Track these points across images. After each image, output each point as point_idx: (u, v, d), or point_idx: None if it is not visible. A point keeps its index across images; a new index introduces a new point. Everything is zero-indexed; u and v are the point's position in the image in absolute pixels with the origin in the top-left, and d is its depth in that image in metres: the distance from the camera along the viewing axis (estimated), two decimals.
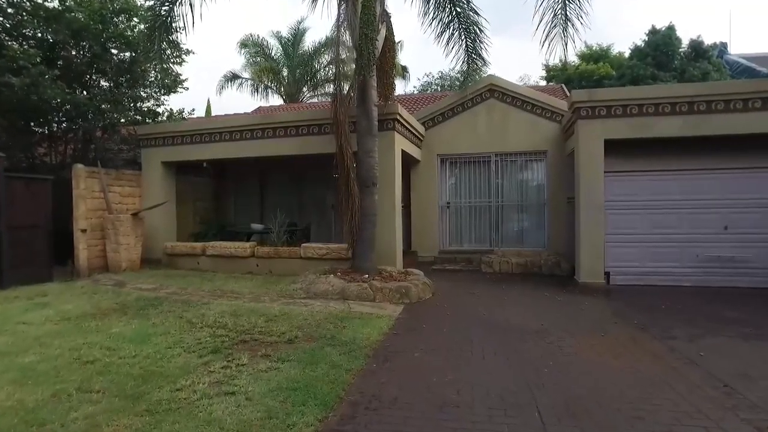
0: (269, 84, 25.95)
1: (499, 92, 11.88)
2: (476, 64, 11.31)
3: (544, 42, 8.43)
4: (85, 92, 9.72)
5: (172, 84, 12.55)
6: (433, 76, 35.76)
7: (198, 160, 10.83)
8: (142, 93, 11.61)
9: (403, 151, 9.99)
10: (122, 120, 12.03)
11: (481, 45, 10.33)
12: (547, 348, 5.06)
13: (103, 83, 11.56)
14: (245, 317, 5.94)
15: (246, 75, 25.97)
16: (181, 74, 12.78)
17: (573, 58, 30.24)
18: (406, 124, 10.09)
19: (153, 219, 10.94)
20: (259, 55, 24.88)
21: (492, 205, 12.08)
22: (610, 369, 4.42)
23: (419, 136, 11.78)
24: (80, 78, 10.74)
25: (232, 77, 25.91)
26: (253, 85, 25.84)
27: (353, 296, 7.16)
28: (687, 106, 8.26)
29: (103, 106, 9.66)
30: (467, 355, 4.82)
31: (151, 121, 12.31)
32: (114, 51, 10.84)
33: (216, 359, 4.42)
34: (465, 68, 11.42)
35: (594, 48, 29.29)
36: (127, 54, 10.95)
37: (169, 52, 10.79)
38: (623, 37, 45.88)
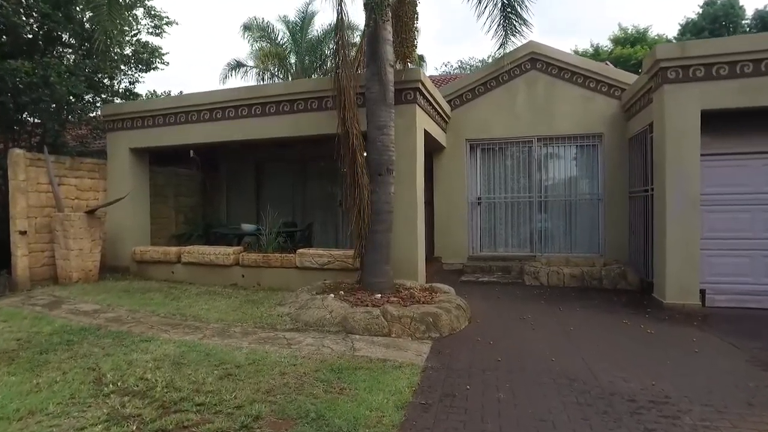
0: (276, 72, 24.02)
1: (543, 62, 9.65)
2: (514, 25, 9.14)
3: None
4: (27, 62, 7.74)
5: (150, 57, 10.56)
6: (451, 66, 33.49)
7: (172, 145, 8.82)
8: (111, 68, 9.56)
9: (425, 132, 7.85)
10: (93, 99, 10.11)
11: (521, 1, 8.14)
12: None
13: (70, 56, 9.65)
14: (191, 369, 3.87)
15: (251, 63, 24.18)
16: (160, 47, 10.81)
17: (605, 43, 27.80)
18: (429, 98, 7.94)
19: (120, 218, 8.98)
20: (264, 39, 22.93)
21: (533, 200, 9.86)
22: None
23: (445, 117, 9.61)
24: (31, 46, 8.78)
25: (237, 65, 23.99)
26: (259, 73, 23.90)
27: (359, 328, 5.05)
28: None
29: (52, 78, 7.68)
30: None
31: None
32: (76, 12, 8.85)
33: None
34: (500, 31, 9.26)
35: (629, 31, 26.74)
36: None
37: (137, 14, 8.80)
38: (661, 18, 42.96)
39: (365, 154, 6.26)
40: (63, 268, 7.81)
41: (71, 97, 8.56)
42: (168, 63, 10.99)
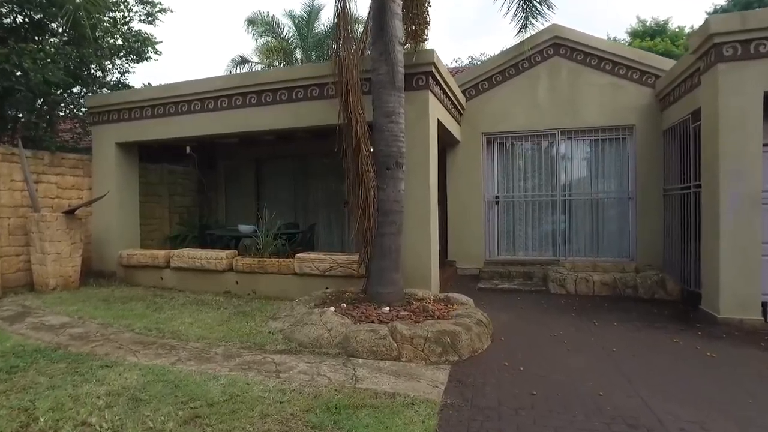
0: (282, 67, 23.36)
1: (567, 47, 8.78)
2: (534, 6, 8.32)
3: None
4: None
5: (143, 46, 9.82)
6: (461, 62, 32.57)
7: (160, 139, 8.07)
8: (98, 57, 8.82)
9: (439, 123, 7.03)
10: (82, 92, 9.41)
11: None
12: None
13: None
14: (151, 409, 3.08)
15: (256, 59, 23.50)
16: (153, 35, 10.07)
17: (622, 36, 26.75)
18: (443, 84, 7.11)
19: (106, 219, 8.27)
20: (269, 33, 22.21)
21: (556, 199, 9.00)
22: None
23: (459, 107, 8.78)
24: (13, 33, 8.07)
25: (241, 61, 23.25)
26: (264, 69, 23.29)
27: (363, 350, 4.23)
28: None
29: (26, 64, 6.95)
30: None
31: None
32: None
33: None
34: (519, 13, 8.44)
35: (648, 23, 25.65)
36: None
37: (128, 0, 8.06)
38: (682, 8, 41.39)
39: (371, 147, 5.45)
40: (39, 274, 7.08)
41: (52, 87, 7.82)
42: (161, 52, 10.23)
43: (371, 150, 5.43)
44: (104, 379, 3.53)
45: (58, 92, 8.46)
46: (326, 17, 26.49)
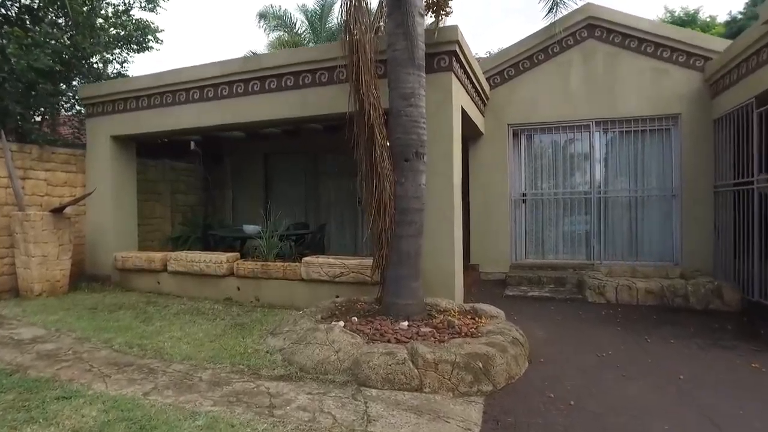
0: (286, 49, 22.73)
1: (603, 28, 7.93)
2: None
3: None
4: None
5: (143, 35, 9.22)
6: (477, 56, 31.64)
7: (156, 132, 7.43)
8: (92, 45, 8.20)
9: (462, 112, 6.25)
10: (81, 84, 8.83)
11: None
12: None
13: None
14: None
15: None
16: (153, 23, 9.47)
17: None
18: (467, 67, 6.33)
19: (101, 218, 7.68)
20: (281, 28, 21.61)
21: (591, 197, 8.14)
22: None
23: (483, 96, 7.98)
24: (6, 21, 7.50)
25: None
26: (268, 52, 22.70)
27: (377, 378, 3.49)
28: None
29: (9, 49, 6.35)
30: None
31: None
32: None
33: None
34: None
35: (677, 13, 24.46)
36: None
37: None
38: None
39: (387, 132, 4.70)
40: (24, 278, 6.49)
41: (40, 76, 7.21)
42: (162, 41, 9.62)
43: (387, 139, 4.69)
44: (54, 418, 2.84)
45: (52, 83, 7.84)
46: (339, 13, 25.92)
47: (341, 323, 4.33)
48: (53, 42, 7.37)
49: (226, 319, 5.37)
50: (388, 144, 4.65)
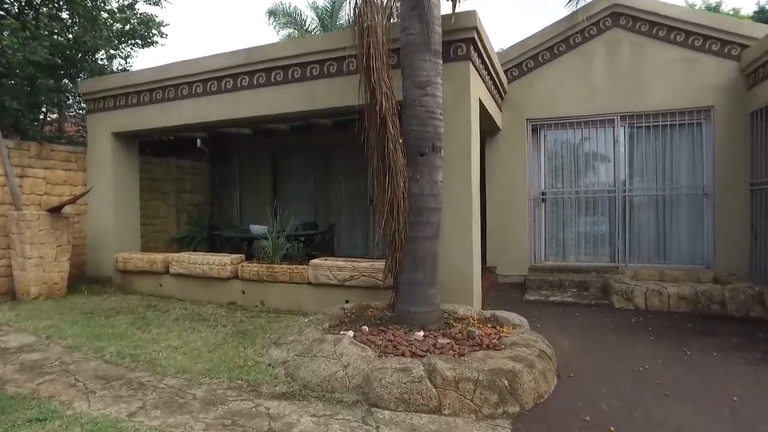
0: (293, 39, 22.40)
1: (629, 16, 7.47)
2: None
3: None
4: None
5: (147, 29, 8.93)
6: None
7: (158, 128, 7.11)
8: (93, 38, 7.90)
9: (479, 104, 5.84)
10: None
11: None
12: None
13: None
14: None
15: None
16: (157, 16, 9.17)
17: None
18: (485, 57, 5.93)
19: (103, 218, 7.40)
20: (291, 25, 21.33)
21: (615, 195, 7.68)
22: None
23: (501, 88, 7.56)
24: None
25: None
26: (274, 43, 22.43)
27: (391, 397, 3.10)
28: None
29: (5, 42, 6.08)
30: None
31: None
32: None
33: None
34: None
35: (697, 6, 23.74)
36: None
37: None
38: None
39: (400, 125, 4.32)
40: (20, 280, 6.21)
41: (38, 70, 6.92)
42: (166, 35, 9.32)
43: (400, 133, 4.30)
44: None
45: (53, 78, 7.57)
46: (350, 8, 25.58)
47: (350, 333, 3.95)
48: (52, 35, 7.07)
49: (228, 326, 5.02)
50: (401, 140, 4.26)
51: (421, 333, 3.99)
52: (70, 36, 7.57)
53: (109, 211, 7.35)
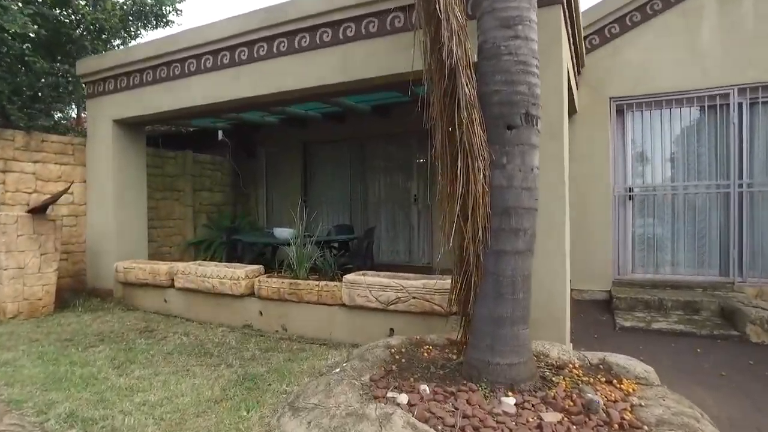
0: None
1: None
2: None
3: None
4: None
5: (159, 5, 7.83)
6: None
7: (166, 111, 5.94)
8: (97, 12, 6.84)
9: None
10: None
11: None
12: None
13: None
14: None
15: None
16: None
17: None
18: (573, 7, 4.47)
19: (103, 221, 6.32)
20: None
21: (730, 191, 6.02)
22: None
23: (579, 59, 6.07)
24: None
25: None
26: None
27: None
28: None
29: None
30: None
31: None
32: None
33: None
34: None
35: None
36: None
37: None
38: None
39: (477, 82, 2.92)
40: None
41: (26, 47, 5.89)
42: (181, 11, 8.22)
43: (478, 91, 2.90)
44: None
45: (47, 58, 6.54)
46: None
47: (404, 398, 2.59)
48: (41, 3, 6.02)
49: (234, 366, 3.75)
50: (478, 105, 2.86)
51: (512, 400, 2.59)
52: (70, 10, 6.51)
53: (109, 212, 6.27)
